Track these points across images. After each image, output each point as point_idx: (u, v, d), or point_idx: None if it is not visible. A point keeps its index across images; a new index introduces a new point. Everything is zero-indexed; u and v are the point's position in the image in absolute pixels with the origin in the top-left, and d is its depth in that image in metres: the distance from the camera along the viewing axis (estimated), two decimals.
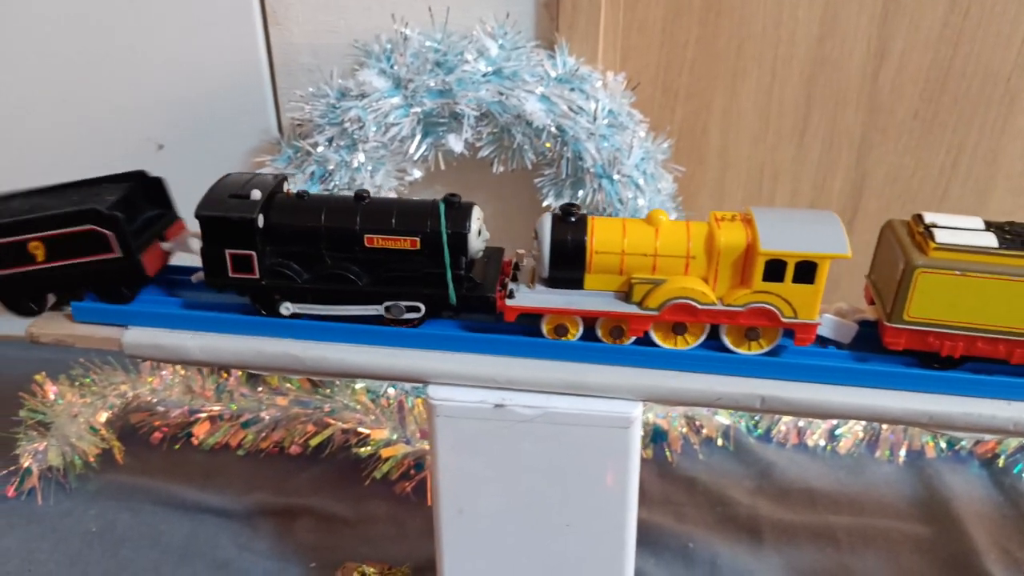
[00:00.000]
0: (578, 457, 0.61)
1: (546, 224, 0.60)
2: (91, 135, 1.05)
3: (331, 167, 0.91)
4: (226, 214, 0.61)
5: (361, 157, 0.91)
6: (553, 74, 0.90)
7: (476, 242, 0.62)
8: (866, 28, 0.97)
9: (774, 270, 0.58)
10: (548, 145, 0.90)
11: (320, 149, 0.91)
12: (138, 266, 0.64)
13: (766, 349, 0.61)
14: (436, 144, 0.94)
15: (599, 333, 0.62)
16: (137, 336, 0.64)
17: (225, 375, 1.03)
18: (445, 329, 0.63)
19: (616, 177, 0.91)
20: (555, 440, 0.61)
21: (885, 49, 0.98)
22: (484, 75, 0.89)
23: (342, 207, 0.62)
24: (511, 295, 0.61)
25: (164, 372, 1.02)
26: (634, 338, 0.62)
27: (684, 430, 0.98)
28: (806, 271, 0.58)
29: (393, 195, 0.98)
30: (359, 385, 0.98)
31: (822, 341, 0.63)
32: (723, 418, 0.99)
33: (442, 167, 0.97)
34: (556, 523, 0.65)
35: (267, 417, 0.99)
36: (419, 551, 0.87)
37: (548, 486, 0.63)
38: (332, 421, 0.95)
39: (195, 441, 1.00)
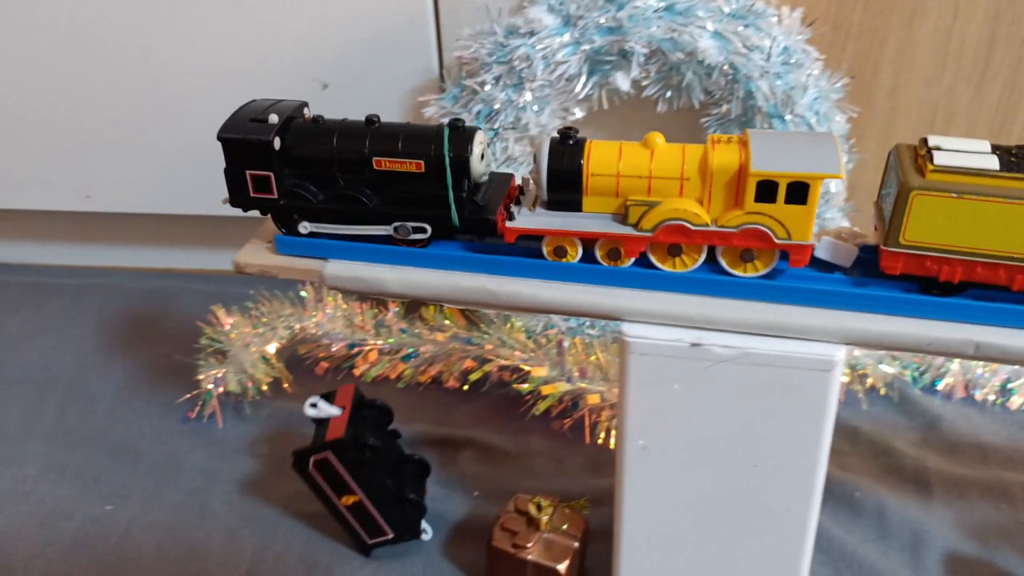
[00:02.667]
0: (773, 399, 0.61)
1: (544, 148, 0.61)
2: (258, 75, 1.08)
3: (497, 106, 0.92)
4: (245, 136, 0.64)
5: (528, 96, 0.91)
6: (727, 10, 0.88)
7: (479, 166, 0.64)
8: None
9: (766, 191, 0.58)
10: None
11: (487, 88, 0.91)
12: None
13: (762, 272, 0.61)
14: (602, 83, 0.93)
15: (597, 255, 0.63)
16: (337, 268, 0.66)
17: (384, 310, 1.06)
18: (640, 267, 0.63)
19: (788, 117, 0.88)
20: (751, 381, 0.60)
21: None
22: (656, 11, 0.87)
23: (353, 131, 0.65)
24: (511, 217, 0.63)
25: (327, 307, 1.06)
26: (632, 260, 0.63)
27: (847, 379, 0.96)
28: (798, 192, 0.57)
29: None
30: (517, 323, 1.00)
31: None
32: (888, 367, 0.96)
33: (605, 106, 0.96)
34: (742, 463, 0.65)
35: (425, 352, 1.02)
36: (579, 487, 0.89)
37: (738, 426, 0.63)
38: (492, 357, 0.97)
39: (356, 372, 1.05)
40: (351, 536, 0.83)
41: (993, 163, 0.56)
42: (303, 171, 0.66)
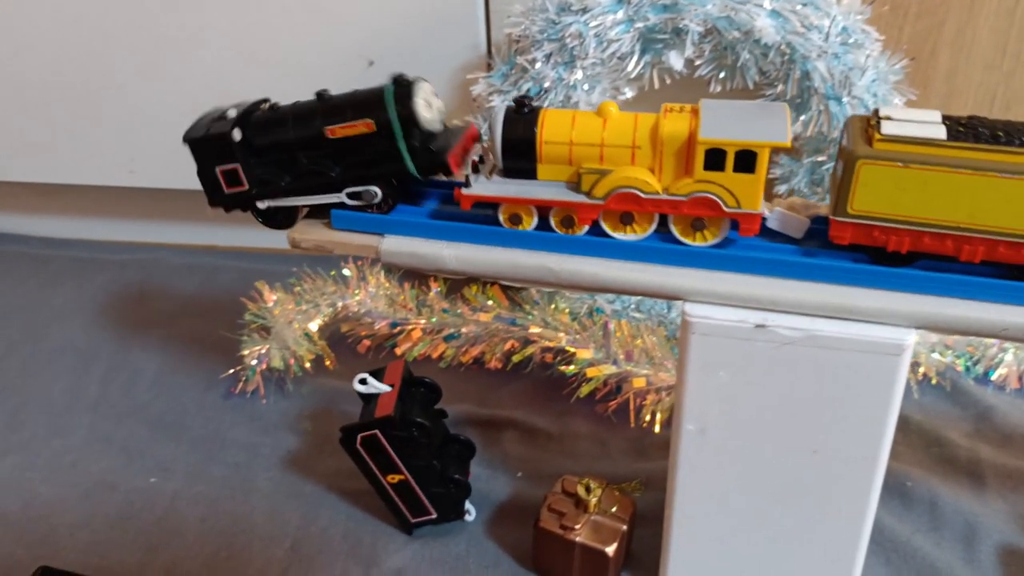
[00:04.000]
0: (839, 383, 0.59)
1: (499, 117, 0.62)
2: (304, 52, 1.07)
3: (547, 84, 0.90)
4: (207, 134, 0.68)
5: (579, 74, 0.90)
6: None
7: (427, 113, 0.64)
8: None
9: (714, 159, 0.58)
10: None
11: (537, 66, 0.90)
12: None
13: (713, 241, 0.61)
14: (654, 61, 0.92)
15: (552, 222, 0.63)
16: (394, 244, 0.66)
17: (426, 290, 1.05)
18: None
19: (846, 99, 0.86)
20: (816, 364, 0.59)
21: None
22: None
23: (306, 109, 0.67)
24: (468, 184, 0.63)
25: (370, 286, 1.06)
26: (586, 227, 0.63)
27: None
28: (746, 160, 0.57)
29: None
30: (561, 304, 0.99)
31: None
32: (941, 356, 0.95)
33: (656, 85, 0.94)
34: (802, 448, 0.63)
35: (468, 332, 1.02)
36: (623, 470, 0.89)
37: (800, 410, 0.62)
38: (536, 338, 0.97)
39: (398, 351, 1.04)
40: (395, 514, 0.83)
41: (940, 132, 0.56)
42: (268, 158, 0.68)
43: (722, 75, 0.91)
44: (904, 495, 0.84)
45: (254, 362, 0.99)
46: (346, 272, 1.06)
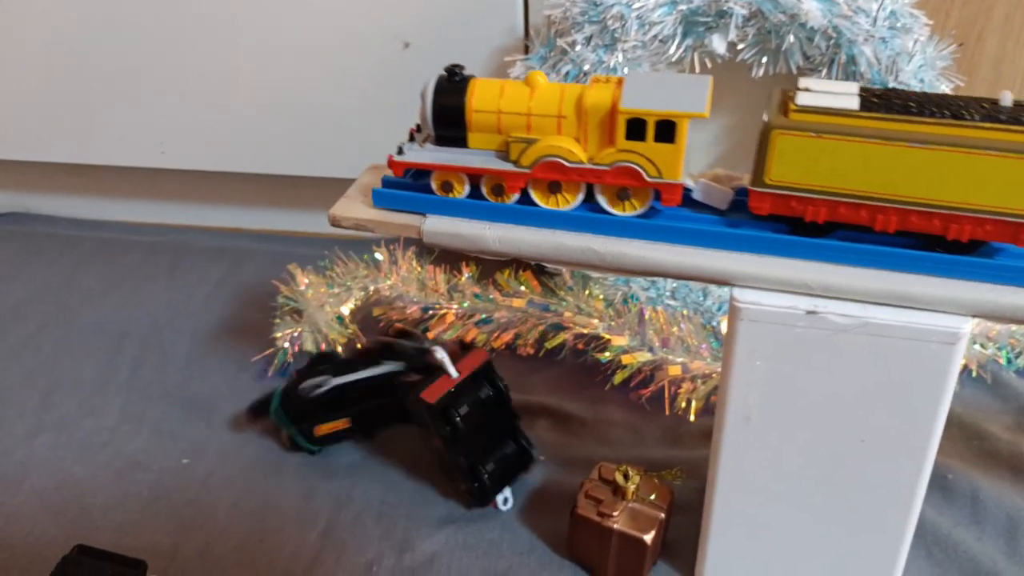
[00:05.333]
0: (891, 371, 0.58)
1: (431, 85, 0.63)
2: (339, 34, 1.06)
3: (587, 67, 0.89)
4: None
5: (619, 57, 0.88)
6: None
7: None
8: None
9: (635, 129, 0.59)
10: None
11: (578, 48, 0.89)
12: None
13: (638, 211, 0.62)
14: (696, 45, 0.90)
15: (483, 191, 0.64)
16: (437, 224, 0.65)
17: (457, 275, 1.04)
18: (754, 230, 0.61)
19: (892, 85, 0.85)
20: (868, 352, 0.58)
21: None
22: None
23: None
24: (400, 152, 0.65)
25: (402, 270, 1.05)
26: (516, 196, 0.64)
27: None
28: (666, 130, 0.58)
29: None
30: (595, 291, 0.98)
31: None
32: (982, 348, 0.93)
33: (697, 69, 0.93)
34: (850, 438, 0.62)
35: (500, 318, 1.01)
36: (657, 458, 0.88)
37: (850, 398, 0.60)
38: (570, 325, 0.96)
39: (430, 335, 1.03)
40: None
41: (853, 103, 0.56)
42: None
43: (764, 60, 0.89)
44: (945, 488, 0.82)
45: (286, 344, 0.99)
46: (378, 256, 1.05)
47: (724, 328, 0.94)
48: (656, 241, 0.62)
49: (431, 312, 1.03)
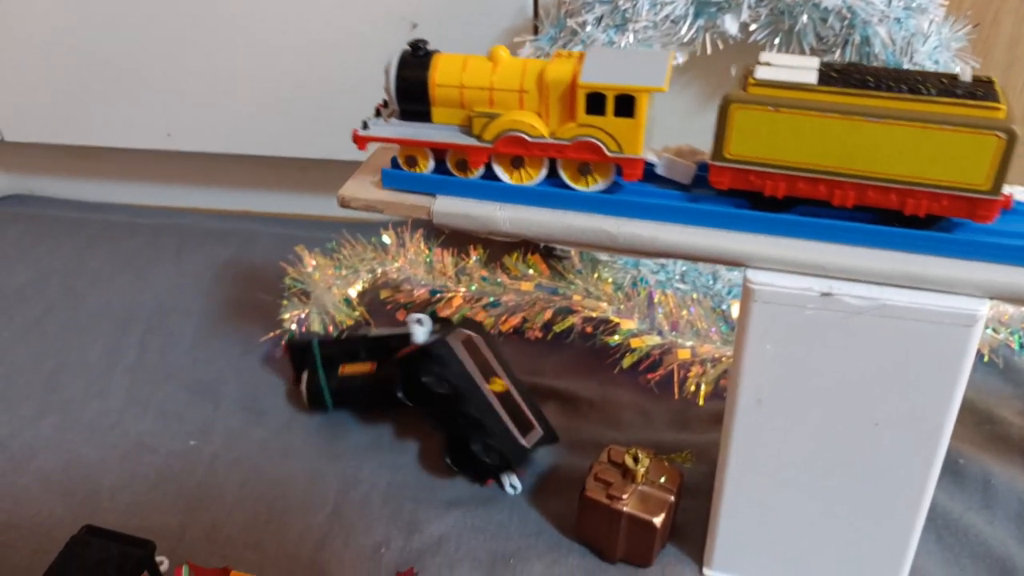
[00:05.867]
0: (906, 354, 0.58)
1: (394, 59, 0.63)
2: (346, 15, 1.05)
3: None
4: None
5: (630, 37, 0.87)
6: None
7: None
8: None
9: (595, 103, 0.59)
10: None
11: (588, 28, 0.88)
12: None
13: (600, 186, 0.62)
14: (708, 26, 0.89)
15: (448, 165, 0.65)
16: (447, 205, 0.64)
17: (465, 258, 1.04)
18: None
19: (907, 66, 0.83)
20: (883, 334, 0.57)
21: None
22: None
23: None
24: (365, 127, 0.65)
25: (409, 252, 1.04)
26: (480, 170, 0.64)
27: None
28: (625, 104, 0.58)
29: None
30: (604, 274, 0.98)
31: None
32: (995, 333, 0.92)
33: (709, 51, 0.92)
34: (863, 421, 0.62)
35: (508, 301, 1.00)
36: (666, 441, 0.87)
37: (864, 382, 0.60)
38: (579, 308, 0.95)
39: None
40: None
41: (812, 77, 0.56)
42: None
43: (777, 40, 0.88)
44: (956, 473, 0.82)
45: (293, 326, 0.99)
46: (385, 239, 1.04)
47: (734, 312, 0.94)
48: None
49: (439, 295, 1.02)
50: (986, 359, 0.93)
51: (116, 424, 0.93)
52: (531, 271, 1.01)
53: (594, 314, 0.95)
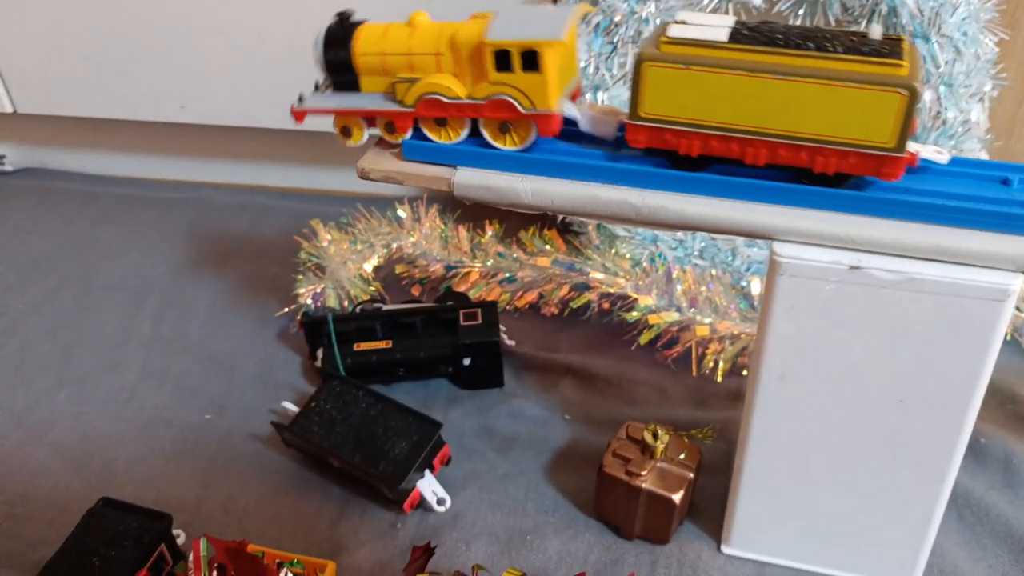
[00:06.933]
0: (934, 329, 0.57)
1: (321, 34, 0.65)
2: None
3: (617, 18, 0.87)
4: None
5: (651, 7, 0.86)
6: None
7: None
8: None
9: (502, 60, 0.60)
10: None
11: None
12: None
13: (521, 144, 0.63)
14: None
15: (379, 130, 0.67)
16: (468, 176, 0.63)
17: (481, 233, 1.03)
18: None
19: (934, 38, 0.82)
20: (911, 309, 0.56)
21: None
22: None
23: None
24: (300, 100, 0.67)
25: (424, 227, 1.04)
26: (408, 134, 0.65)
27: None
28: (530, 59, 0.59)
29: None
30: (622, 250, 0.97)
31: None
32: (1018, 312, 0.91)
33: None
34: (888, 398, 0.61)
35: (524, 277, 1.00)
36: (683, 418, 0.87)
37: (890, 357, 0.59)
38: (596, 284, 0.94)
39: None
40: None
41: (722, 35, 0.56)
42: None
43: (802, 11, 0.87)
44: (978, 452, 0.81)
45: (308, 301, 0.98)
46: (401, 213, 1.04)
47: (754, 289, 0.93)
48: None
49: (454, 270, 1.01)
50: (1008, 338, 0.92)
51: (131, 397, 0.93)
52: (548, 246, 1.00)
53: (611, 290, 0.94)
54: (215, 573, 0.61)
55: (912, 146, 0.56)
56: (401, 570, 0.67)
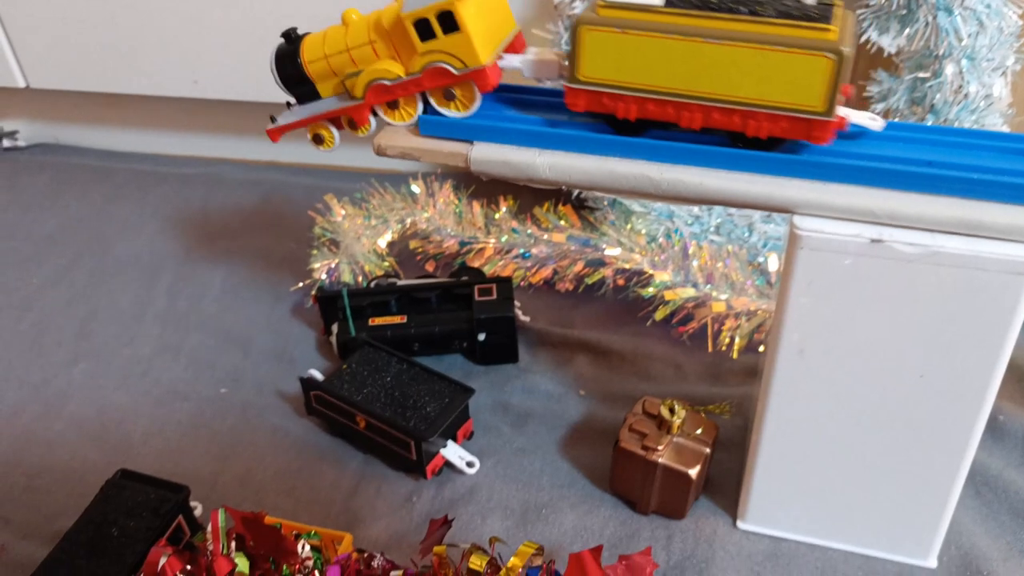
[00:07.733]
0: (958, 303, 0.56)
1: (272, 54, 0.67)
2: None
3: None
4: None
5: None
6: None
7: None
8: None
9: (424, 29, 0.61)
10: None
11: None
12: None
13: (469, 110, 0.64)
14: None
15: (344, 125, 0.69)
16: (485, 152, 0.63)
17: (495, 208, 1.03)
18: (815, 155, 0.58)
19: (957, 10, 0.81)
20: (933, 283, 0.56)
21: None
22: None
23: None
24: (273, 120, 0.70)
25: (439, 202, 1.03)
26: (369, 125, 0.67)
27: None
28: (448, 21, 0.60)
29: None
30: (638, 225, 0.96)
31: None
32: None
33: None
34: (908, 373, 0.61)
35: (539, 252, 0.99)
36: (698, 394, 0.87)
37: (911, 332, 0.59)
38: (611, 260, 0.94)
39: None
40: None
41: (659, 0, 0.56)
42: None
43: None
44: (996, 429, 0.81)
45: (323, 276, 0.98)
46: (415, 188, 1.03)
47: (770, 265, 0.92)
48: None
49: (468, 246, 1.01)
50: None
51: (147, 371, 0.94)
52: (562, 222, 0.99)
53: (627, 266, 0.93)
54: (233, 544, 0.61)
55: (842, 111, 0.57)
56: (418, 542, 0.68)
